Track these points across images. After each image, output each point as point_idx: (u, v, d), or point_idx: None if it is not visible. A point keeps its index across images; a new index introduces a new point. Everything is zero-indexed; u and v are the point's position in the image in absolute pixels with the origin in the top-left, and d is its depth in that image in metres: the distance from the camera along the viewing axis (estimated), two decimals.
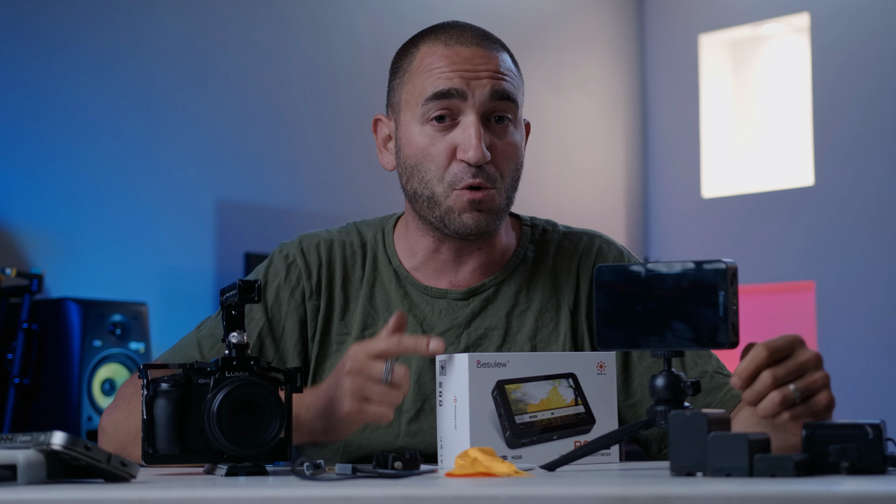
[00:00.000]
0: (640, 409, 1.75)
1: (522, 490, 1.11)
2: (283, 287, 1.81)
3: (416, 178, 1.74)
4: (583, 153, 5.69)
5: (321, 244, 1.83)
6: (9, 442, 1.27)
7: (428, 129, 1.73)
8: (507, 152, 1.73)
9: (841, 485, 1.11)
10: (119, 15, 4.25)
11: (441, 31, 1.77)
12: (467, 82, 1.71)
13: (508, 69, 1.75)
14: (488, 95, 1.72)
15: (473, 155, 1.69)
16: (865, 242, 5.17)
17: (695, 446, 1.20)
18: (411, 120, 1.74)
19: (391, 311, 1.79)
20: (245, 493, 1.14)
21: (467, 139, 1.70)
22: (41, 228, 3.98)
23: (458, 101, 1.71)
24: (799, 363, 1.35)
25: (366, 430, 1.75)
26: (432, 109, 1.72)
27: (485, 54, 1.74)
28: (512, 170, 1.74)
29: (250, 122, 4.56)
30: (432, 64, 1.74)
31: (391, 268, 1.82)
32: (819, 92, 5.33)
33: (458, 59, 1.73)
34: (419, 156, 1.73)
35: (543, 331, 1.78)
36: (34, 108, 4.02)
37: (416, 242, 1.80)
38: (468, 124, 1.71)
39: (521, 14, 5.44)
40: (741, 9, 5.64)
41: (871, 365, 5.08)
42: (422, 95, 1.73)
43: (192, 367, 1.41)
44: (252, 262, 4.31)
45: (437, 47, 1.75)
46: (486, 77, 1.72)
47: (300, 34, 4.72)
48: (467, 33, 1.76)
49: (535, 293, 1.80)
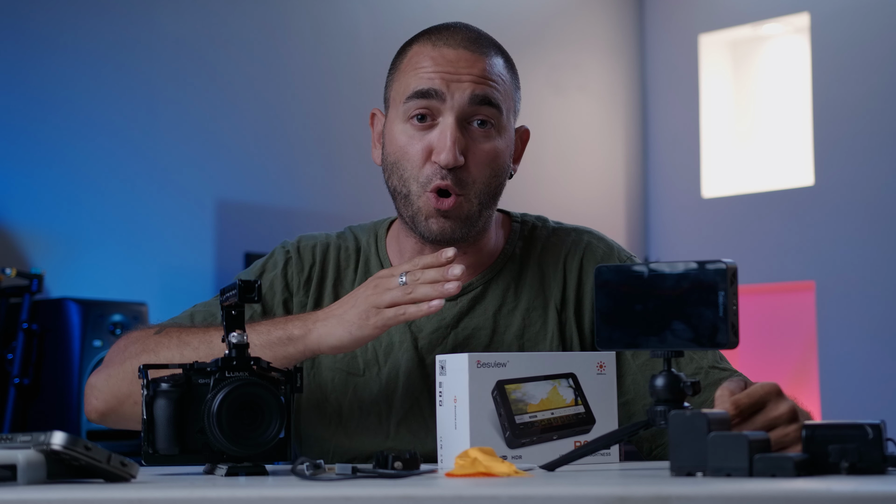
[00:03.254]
0: (632, 407, 1.74)
1: (522, 490, 1.11)
2: (278, 278, 1.84)
3: (395, 175, 1.75)
4: (583, 153, 5.69)
5: (318, 245, 1.85)
6: (9, 442, 1.27)
7: (408, 127, 1.73)
8: (483, 158, 1.73)
9: (841, 485, 1.11)
10: (119, 15, 4.25)
11: (434, 32, 1.78)
12: (447, 84, 1.72)
13: (497, 74, 1.74)
14: (468, 99, 1.71)
15: (445, 158, 1.70)
16: (865, 242, 5.17)
17: (695, 446, 1.20)
18: (395, 117, 1.76)
19: None
20: (245, 493, 1.14)
21: (441, 141, 1.70)
22: (41, 228, 3.98)
23: (436, 102, 1.72)
24: (770, 419, 1.34)
25: (353, 436, 1.75)
26: (412, 108, 1.73)
27: (471, 57, 1.73)
28: (487, 176, 1.73)
29: (250, 122, 4.56)
30: (418, 63, 1.74)
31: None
32: (819, 92, 5.33)
33: (442, 61, 1.73)
34: (398, 153, 1.74)
35: (531, 329, 1.78)
36: (34, 108, 4.02)
37: (404, 243, 1.81)
38: (444, 126, 1.71)
39: (520, 14, 5.44)
40: (741, 9, 5.64)
41: (871, 365, 5.08)
42: (404, 93, 1.74)
43: (192, 367, 1.41)
44: (252, 262, 4.31)
45: (426, 47, 1.76)
46: (468, 80, 1.72)
47: (300, 34, 4.72)
48: (458, 35, 1.76)
49: (522, 291, 1.79)
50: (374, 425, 1.75)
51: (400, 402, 1.75)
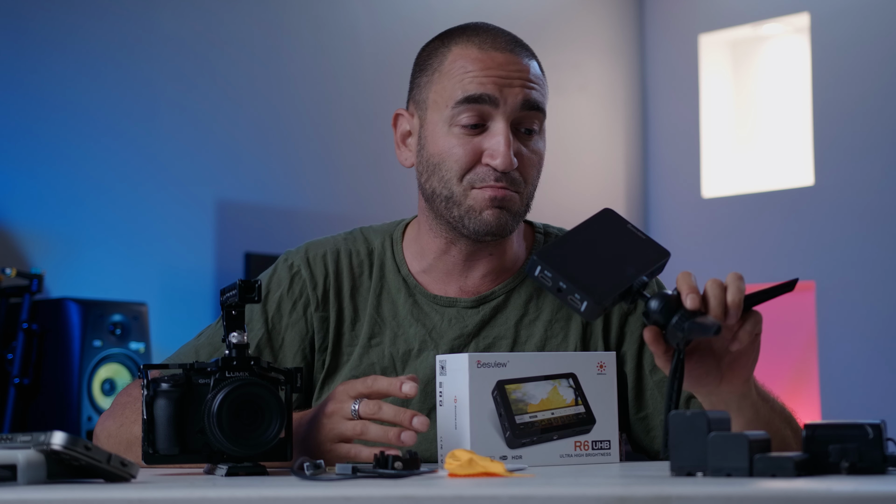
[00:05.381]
0: (650, 421, 1.75)
1: (522, 490, 1.11)
2: (286, 298, 1.79)
3: (436, 177, 1.73)
4: (583, 153, 5.69)
5: (328, 254, 1.81)
6: (9, 442, 1.26)
7: (456, 130, 1.71)
8: (532, 160, 1.73)
9: (841, 485, 1.11)
10: (119, 15, 4.25)
11: (474, 34, 1.75)
12: (500, 89, 1.70)
13: (538, 77, 1.74)
14: (520, 104, 1.71)
15: (502, 162, 1.69)
16: (865, 242, 5.17)
17: (695, 446, 1.20)
18: (438, 120, 1.73)
19: (398, 319, 1.78)
20: (245, 493, 1.14)
21: (496, 145, 1.69)
22: (41, 228, 3.98)
23: (489, 107, 1.70)
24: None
25: None
26: (463, 113, 1.70)
27: (518, 61, 1.72)
28: (534, 177, 1.74)
29: (250, 122, 4.56)
30: (466, 66, 1.72)
31: (399, 276, 1.80)
32: (819, 92, 5.33)
33: (492, 65, 1.71)
34: (443, 155, 1.72)
35: (553, 341, 1.77)
36: (34, 108, 4.02)
37: (428, 244, 1.79)
38: (498, 131, 1.70)
39: (520, 14, 5.44)
40: (741, 9, 5.64)
41: (871, 365, 5.08)
42: (452, 97, 1.71)
43: (193, 367, 1.41)
44: (252, 262, 4.31)
45: (470, 49, 1.73)
46: (519, 85, 1.71)
47: (300, 34, 4.72)
48: (501, 38, 1.74)
49: (545, 303, 1.78)
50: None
51: (417, 409, 1.73)
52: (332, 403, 1.50)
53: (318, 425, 1.50)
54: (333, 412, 1.49)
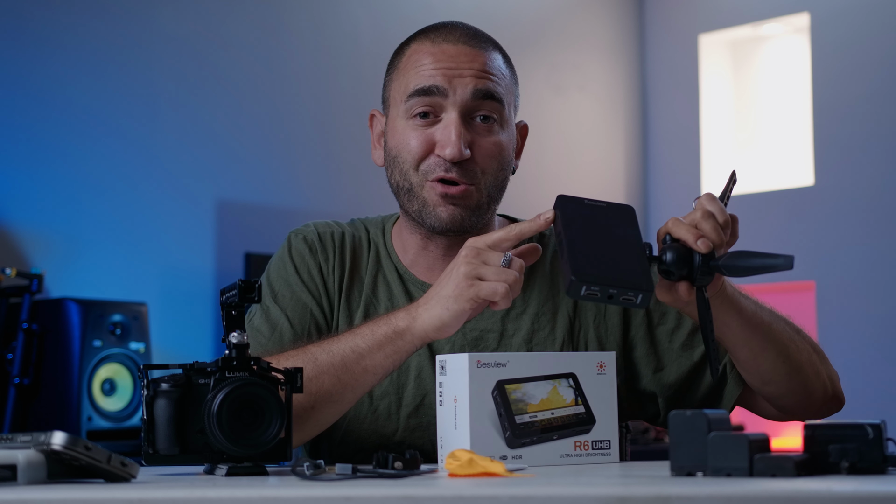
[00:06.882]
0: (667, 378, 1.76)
1: (522, 490, 1.11)
2: (312, 264, 1.81)
3: (396, 169, 1.76)
4: (583, 153, 5.69)
5: (334, 233, 1.85)
6: (9, 442, 1.27)
7: (411, 123, 1.74)
8: (489, 150, 1.74)
9: (841, 485, 1.11)
10: (119, 15, 4.25)
11: (432, 30, 1.79)
12: (450, 80, 1.73)
13: (497, 69, 1.76)
14: (470, 94, 1.73)
15: (451, 152, 1.71)
16: (865, 242, 5.17)
17: (695, 446, 1.20)
18: (397, 115, 1.76)
19: (392, 300, 1.80)
20: (245, 493, 1.14)
21: (446, 136, 1.71)
22: (41, 228, 3.98)
23: (439, 99, 1.73)
24: None
25: (364, 423, 1.76)
26: (415, 106, 1.73)
27: (471, 52, 1.74)
28: (495, 168, 1.74)
29: (250, 122, 4.56)
30: (418, 61, 1.75)
31: (392, 263, 1.83)
32: (819, 92, 5.33)
33: (442, 57, 1.74)
34: (399, 148, 1.75)
35: (540, 334, 1.78)
36: (34, 108, 4.02)
37: (408, 240, 1.82)
38: (449, 122, 1.72)
39: (520, 14, 5.44)
40: (741, 9, 5.64)
41: (871, 365, 5.08)
42: (406, 91, 1.75)
43: (193, 367, 1.41)
44: (252, 262, 4.30)
45: (425, 45, 1.77)
46: (470, 75, 1.73)
47: (300, 34, 4.72)
48: (456, 32, 1.77)
49: (531, 296, 1.79)
50: (383, 417, 1.76)
51: (411, 396, 1.76)
52: (473, 248, 1.56)
53: (456, 268, 1.55)
54: (480, 252, 1.55)
